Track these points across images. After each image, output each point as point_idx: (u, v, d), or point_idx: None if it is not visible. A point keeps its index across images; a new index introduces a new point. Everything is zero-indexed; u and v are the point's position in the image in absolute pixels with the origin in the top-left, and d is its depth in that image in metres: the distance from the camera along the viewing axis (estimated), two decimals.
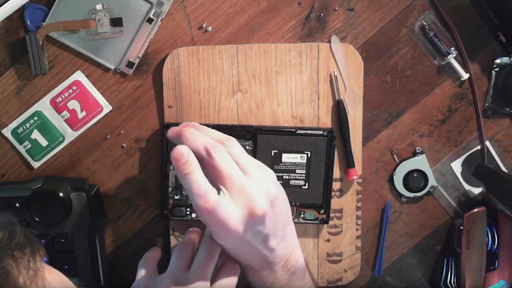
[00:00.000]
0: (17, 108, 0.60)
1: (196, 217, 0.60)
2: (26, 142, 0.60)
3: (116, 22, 0.58)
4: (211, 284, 0.50)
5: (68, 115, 0.60)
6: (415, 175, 0.63)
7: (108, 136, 0.61)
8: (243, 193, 0.44)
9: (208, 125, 0.55)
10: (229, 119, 0.61)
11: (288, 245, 0.51)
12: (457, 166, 0.65)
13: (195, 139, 0.47)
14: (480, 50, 0.63)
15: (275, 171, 0.56)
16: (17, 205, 0.57)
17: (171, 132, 0.51)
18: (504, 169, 0.65)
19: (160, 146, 0.60)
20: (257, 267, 0.50)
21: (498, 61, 0.63)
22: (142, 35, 0.59)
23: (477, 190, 0.65)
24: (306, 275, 0.53)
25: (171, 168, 0.60)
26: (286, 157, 0.59)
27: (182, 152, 0.44)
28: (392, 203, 0.65)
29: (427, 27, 0.61)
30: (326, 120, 0.61)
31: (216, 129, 0.53)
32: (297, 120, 0.61)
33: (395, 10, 0.61)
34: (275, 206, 0.47)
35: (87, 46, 0.59)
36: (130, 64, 0.60)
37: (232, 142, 0.48)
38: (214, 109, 0.60)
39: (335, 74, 0.60)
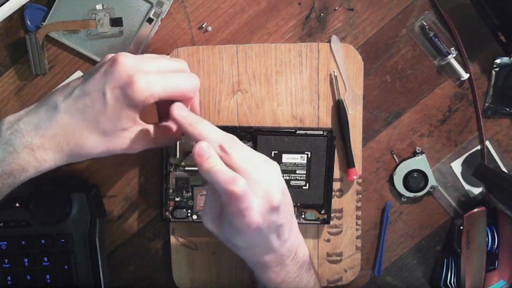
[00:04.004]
0: (17, 108, 0.60)
1: (197, 218, 0.60)
2: None
3: (116, 22, 0.58)
4: None
5: None
6: (415, 175, 0.63)
7: None
8: (259, 186, 0.45)
9: None
10: (229, 119, 0.61)
11: (296, 237, 0.51)
12: (457, 166, 0.65)
13: (209, 135, 0.46)
14: (480, 50, 0.63)
15: None
16: (17, 205, 0.57)
17: (180, 114, 0.48)
18: (504, 169, 0.65)
19: (160, 147, 0.60)
20: (270, 263, 0.50)
21: (498, 61, 0.63)
22: (142, 35, 0.59)
23: (477, 190, 0.65)
24: (311, 267, 0.54)
25: (171, 170, 0.60)
26: (286, 158, 0.59)
27: (204, 149, 0.45)
28: (392, 203, 0.65)
29: (427, 27, 0.61)
30: (326, 120, 0.61)
31: None
32: (297, 120, 0.61)
33: (395, 10, 0.61)
34: (285, 197, 0.48)
35: (87, 46, 0.59)
36: None
37: (235, 139, 0.48)
38: (214, 109, 0.60)
39: (335, 74, 0.60)
